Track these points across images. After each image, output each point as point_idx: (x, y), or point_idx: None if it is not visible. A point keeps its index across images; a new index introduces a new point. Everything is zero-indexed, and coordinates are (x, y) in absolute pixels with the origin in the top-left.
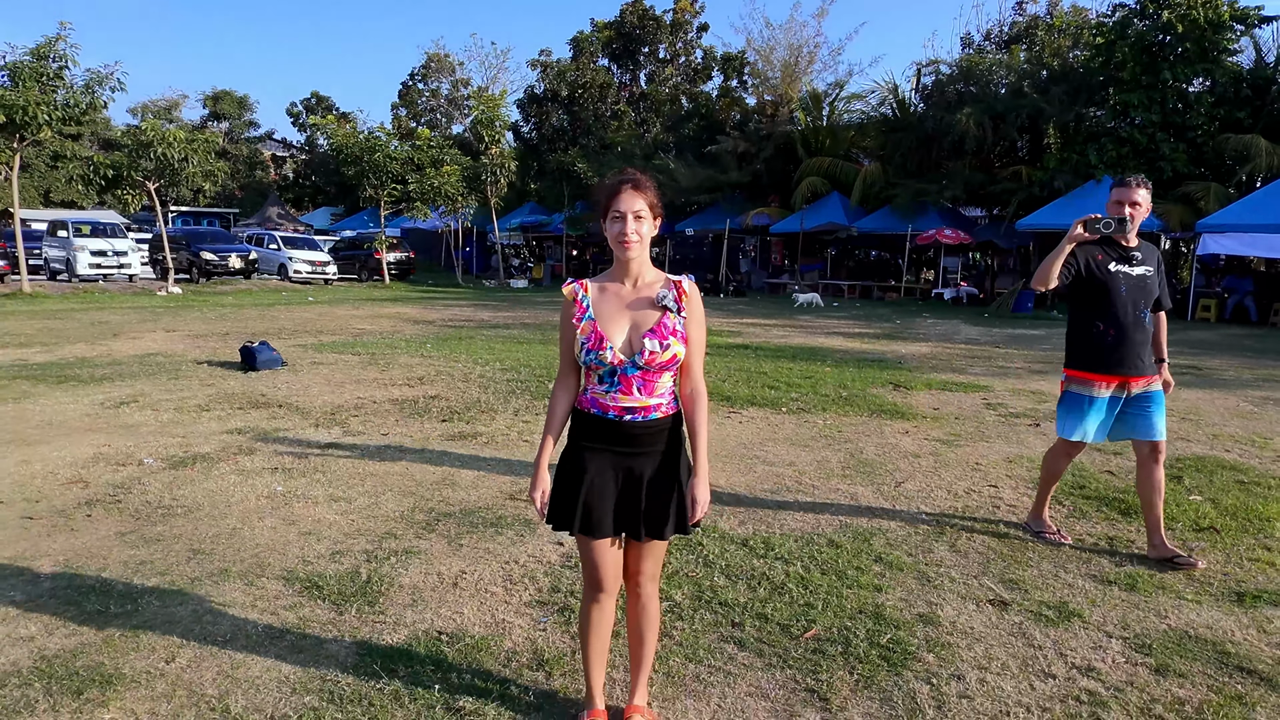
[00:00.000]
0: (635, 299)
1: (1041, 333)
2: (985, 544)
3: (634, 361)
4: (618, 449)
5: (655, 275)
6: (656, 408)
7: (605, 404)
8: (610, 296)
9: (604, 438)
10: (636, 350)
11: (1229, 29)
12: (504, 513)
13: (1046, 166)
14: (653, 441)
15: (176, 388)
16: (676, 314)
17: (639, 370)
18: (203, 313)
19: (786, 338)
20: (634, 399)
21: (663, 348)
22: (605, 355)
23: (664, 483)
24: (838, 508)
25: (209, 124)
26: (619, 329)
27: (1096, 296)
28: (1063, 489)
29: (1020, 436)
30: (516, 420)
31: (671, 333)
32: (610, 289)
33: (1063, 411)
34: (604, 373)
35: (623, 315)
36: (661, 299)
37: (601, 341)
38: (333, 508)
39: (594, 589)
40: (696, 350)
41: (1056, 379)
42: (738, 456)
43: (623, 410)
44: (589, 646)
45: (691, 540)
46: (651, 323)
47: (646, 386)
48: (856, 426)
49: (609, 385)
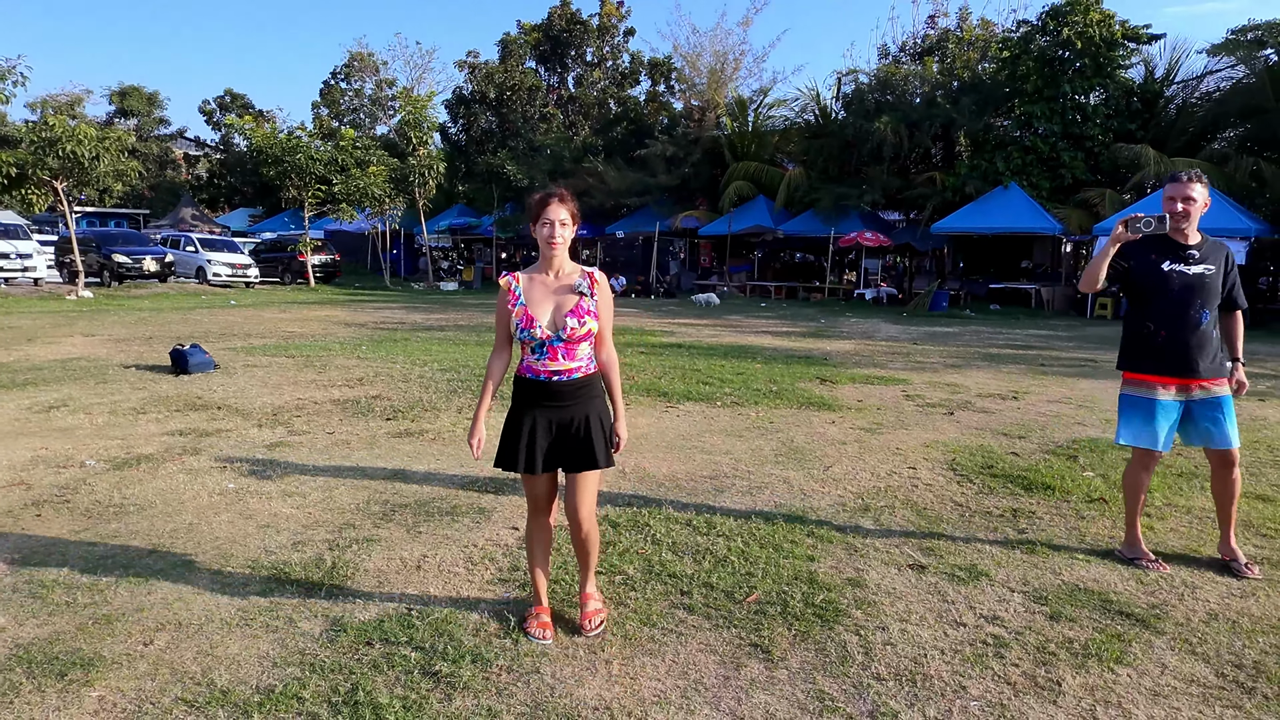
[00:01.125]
0: (557, 287)
1: (955, 330)
2: (905, 518)
3: (558, 335)
4: (549, 404)
5: (573, 268)
6: (577, 369)
7: (537, 369)
8: (538, 285)
9: (538, 396)
10: (560, 327)
11: (1122, 46)
12: (458, 502)
13: (958, 173)
14: (575, 396)
15: (107, 391)
16: (590, 298)
17: (562, 342)
18: (120, 317)
19: (718, 337)
20: (559, 364)
21: (580, 324)
22: (535, 332)
23: (587, 427)
24: (772, 490)
25: (115, 121)
26: (544, 311)
27: (1146, 296)
28: (974, 469)
29: (936, 424)
30: (461, 418)
31: (586, 312)
32: (537, 279)
33: (1120, 415)
34: (534, 345)
35: (548, 300)
36: (578, 286)
37: (532, 321)
38: (287, 502)
39: (534, 511)
40: (607, 325)
41: (970, 373)
42: (677, 447)
43: (551, 373)
44: (533, 556)
45: (639, 521)
46: (571, 305)
47: (569, 354)
48: (787, 418)
49: (539, 355)
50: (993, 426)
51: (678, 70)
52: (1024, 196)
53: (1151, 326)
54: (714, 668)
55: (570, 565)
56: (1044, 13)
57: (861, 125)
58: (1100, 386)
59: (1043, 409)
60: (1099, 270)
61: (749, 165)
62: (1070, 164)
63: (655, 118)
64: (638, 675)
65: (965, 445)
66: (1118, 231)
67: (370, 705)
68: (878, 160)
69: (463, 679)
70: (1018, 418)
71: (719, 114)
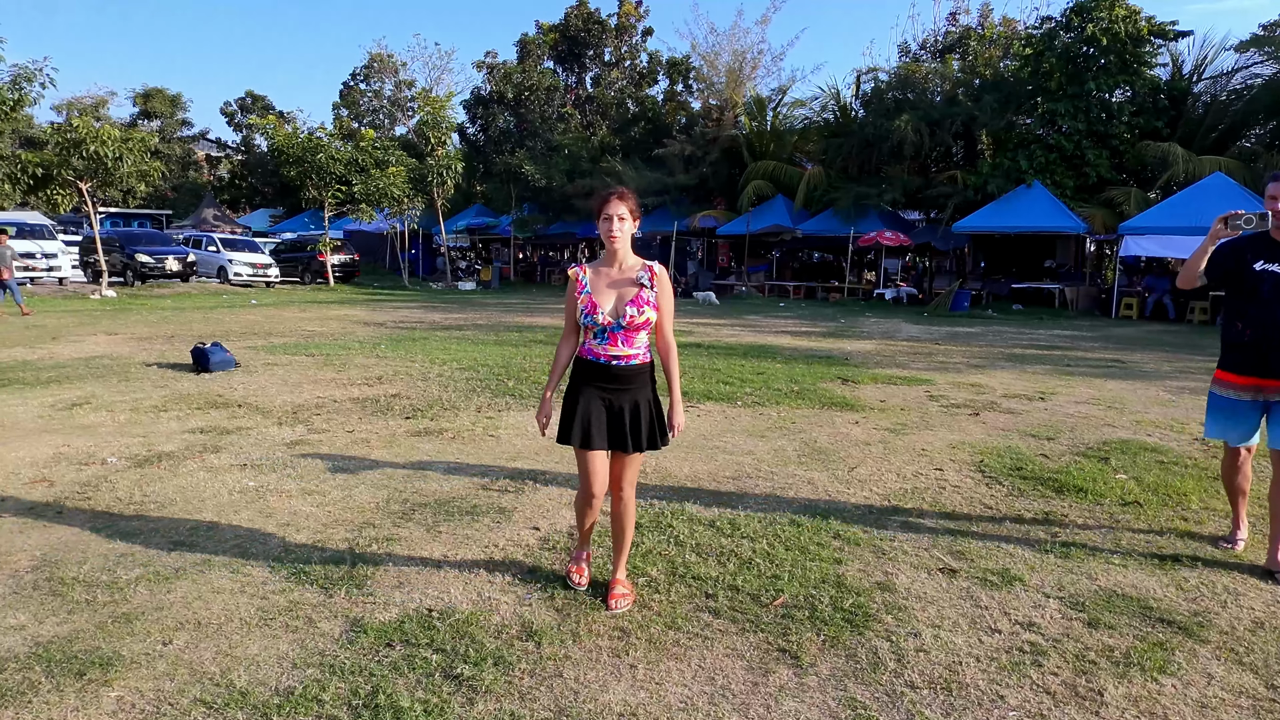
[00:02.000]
0: (620, 278)
1: (978, 330)
2: (934, 521)
3: (619, 323)
4: (606, 385)
5: (635, 261)
6: (635, 356)
7: (599, 352)
8: (602, 276)
9: (597, 377)
10: (620, 315)
11: (1148, 43)
12: (478, 502)
13: (980, 171)
14: (630, 380)
15: (129, 389)
16: (650, 289)
17: (622, 329)
18: (143, 316)
19: (737, 336)
20: (618, 349)
21: (640, 313)
22: (598, 318)
23: (639, 411)
24: (796, 491)
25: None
26: (608, 299)
27: (1238, 295)
28: (1002, 471)
29: (961, 425)
30: (480, 417)
31: (646, 302)
32: (602, 271)
33: (1207, 410)
34: (597, 330)
35: (611, 290)
36: (639, 278)
37: (595, 308)
38: (307, 500)
39: (587, 493)
40: (666, 316)
41: (994, 373)
42: (699, 447)
43: (611, 357)
44: (582, 527)
45: (662, 522)
46: (632, 295)
47: (628, 340)
48: (809, 418)
49: (601, 339)
50: (1020, 428)
51: (696, 69)
52: (1048, 195)
53: (1239, 326)
54: (741, 673)
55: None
56: (1068, 9)
57: (882, 124)
58: (1129, 388)
59: (1070, 410)
60: (1197, 266)
61: (767, 164)
62: (1095, 162)
63: (673, 117)
64: (663, 680)
65: (993, 446)
66: (1216, 228)
67: (391, 708)
68: (898, 159)
69: (484, 682)
70: (1045, 419)
71: (737, 113)
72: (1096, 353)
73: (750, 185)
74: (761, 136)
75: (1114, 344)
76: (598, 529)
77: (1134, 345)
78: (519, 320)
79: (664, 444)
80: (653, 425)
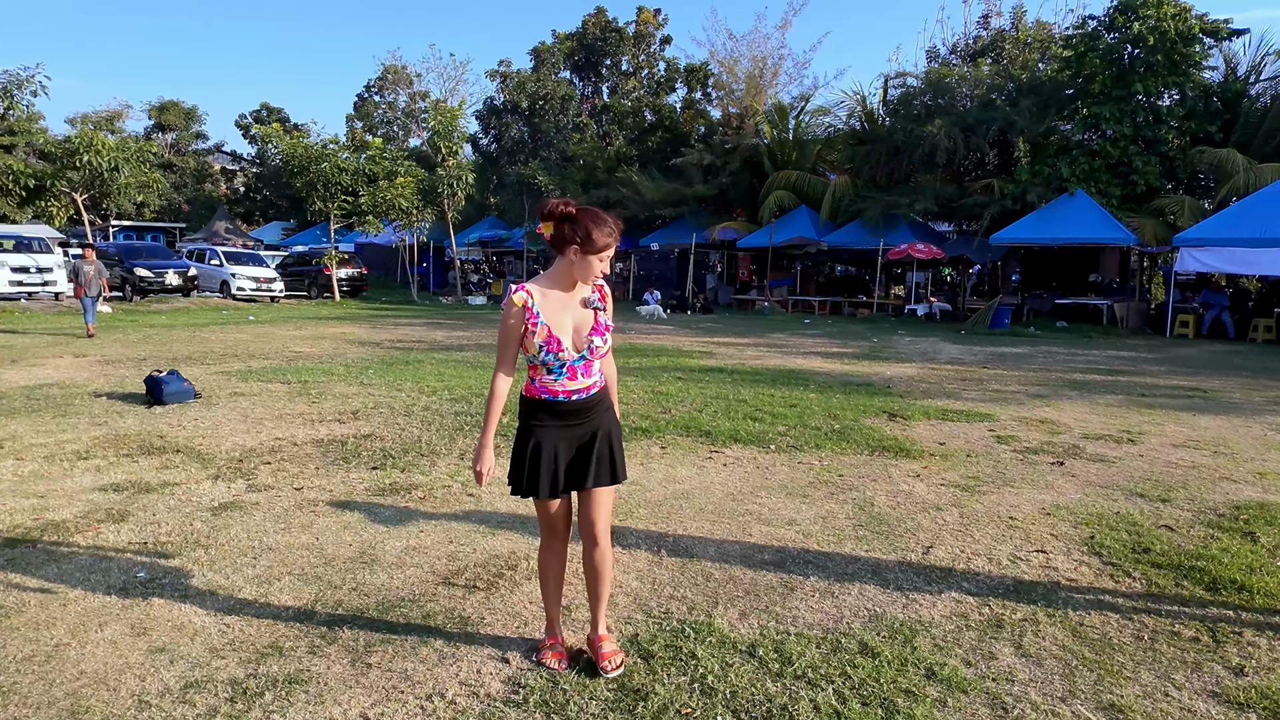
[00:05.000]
0: (570, 302)
1: (1025, 351)
2: (1058, 641)
3: (583, 355)
4: (565, 423)
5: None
6: (593, 386)
7: (555, 389)
8: (552, 300)
9: (553, 416)
10: (584, 347)
11: (1198, 42)
12: (434, 606)
13: (1018, 179)
14: (590, 412)
15: (58, 428)
16: (604, 312)
17: (584, 361)
18: (125, 334)
19: (762, 359)
20: (577, 382)
21: (604, 342)
22: (563, 355)
23: (604, 441)
24: (860, 585)
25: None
26: (566, 331)
27: None
28: (1125, 554)
29: (1047, 479)
30: (461, 466)
31: (606, 328)
32: (550, 294)
33: None
34: (555, 364)
35: (566, 318)
36: (591, 302)
37: (559, 344)
38: (206, 604)
39: (550, 537)
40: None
41: (1061, 405)
42: (726, 513)
43: (570, 392)
44: (547, 585)
45: (682, 651)
46: (590, 323)
47: (586, 371)
48: (858, 468)
49: (557, 375)
50: (1120, 483)
51: (715, 77)
52: (1093, 204)
53: None
54: None
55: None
56: (1112, 8)
57: (912, 130)
58: (1226, 425)
59: (1171, 457)
60: None
61: (790, 174)
62: (1143, 169)
63: (691, 126)
64: None
65: (1097, 512)
66: None
67: None
68: (929, 167)
69: None
70: (1145, 470)
71: (758, 121)
72: (1167, 378)
73: (772, 196)
74: (783, 145)
75: (1182, 368)
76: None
77: (1204, 369)
78: None
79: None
80: (620, 453)
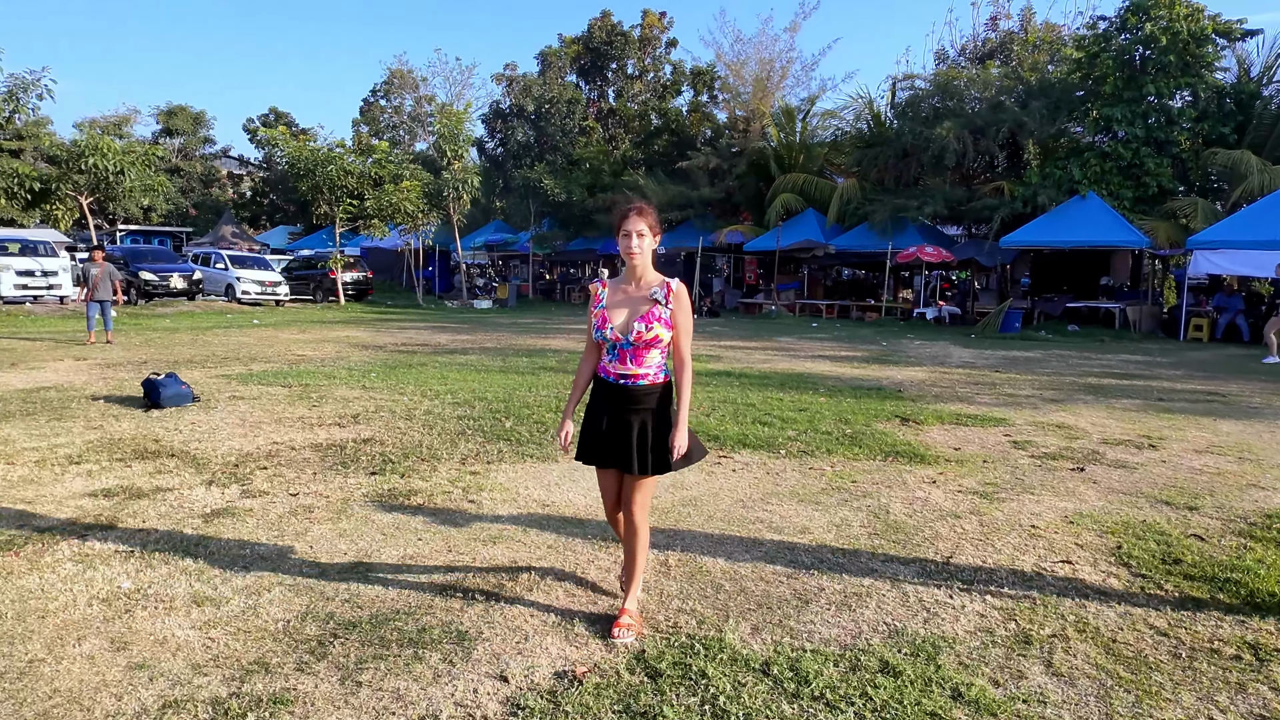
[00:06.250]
0: (635, 295)
1: (1037, 355)
2: (1090, 659)
3: (627, 339)
4: (615, 405)
5: (655, 277)
6: (645, 376)
7: (610, 370)
8: (618, 292)
9: (608, 397)
10: (629, 331)
11: (1211, 43)
12: (430, 620)
13: (1028, 182)
14: (640, 401)
15: (53, 432)
16: (664, 305)
17: (631, 346)
18: (128, 337)
19: (770, 362)
20: (628, 369)
21: (647, 329)
22: (606, 333)
23: (648, 433)
24: (879, 600)
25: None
26: (619, 315)
27: None
28: (1155, 565)
29: (1068, 485)
30: (463, 472)
31: (657, 319)
32: (620, 287)
33: None
34: (608, 346)
35: (624, 305)
36: (654, 295)
37: (605, 322)
38: (191, 616)
39: (609, 510)
40: (683, 334)
41: (1077, 409)
42: (737, 520)
43: (620, 376)
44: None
45: (692, 670)
46: (642, 311)
47: (637, 359)
48: (872, 474)
49: (612, 357)
50: (1144, 490)
51: (721, 79)
52: (1104, 207)
53: None
54: None
55: None
56: (1124, 8)
57: (921, 132)
58: (1248, 430)
59: (1194, 463)
60: None
61: (797, 177)
62: (1155, 171)
63: (698, 129)
64: None
65: (1123, 520)
66: None
67: None
68: (938, 170)
69: None
70: (1169, 476)
71: (765, 124)
72: (1183, 383)
73: (779, 199)
74: (790, 148)
75: (1198, 372)
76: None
77: (1221, 373)
78: (531, 343)
79: (664, 471)
80: (661, 450)
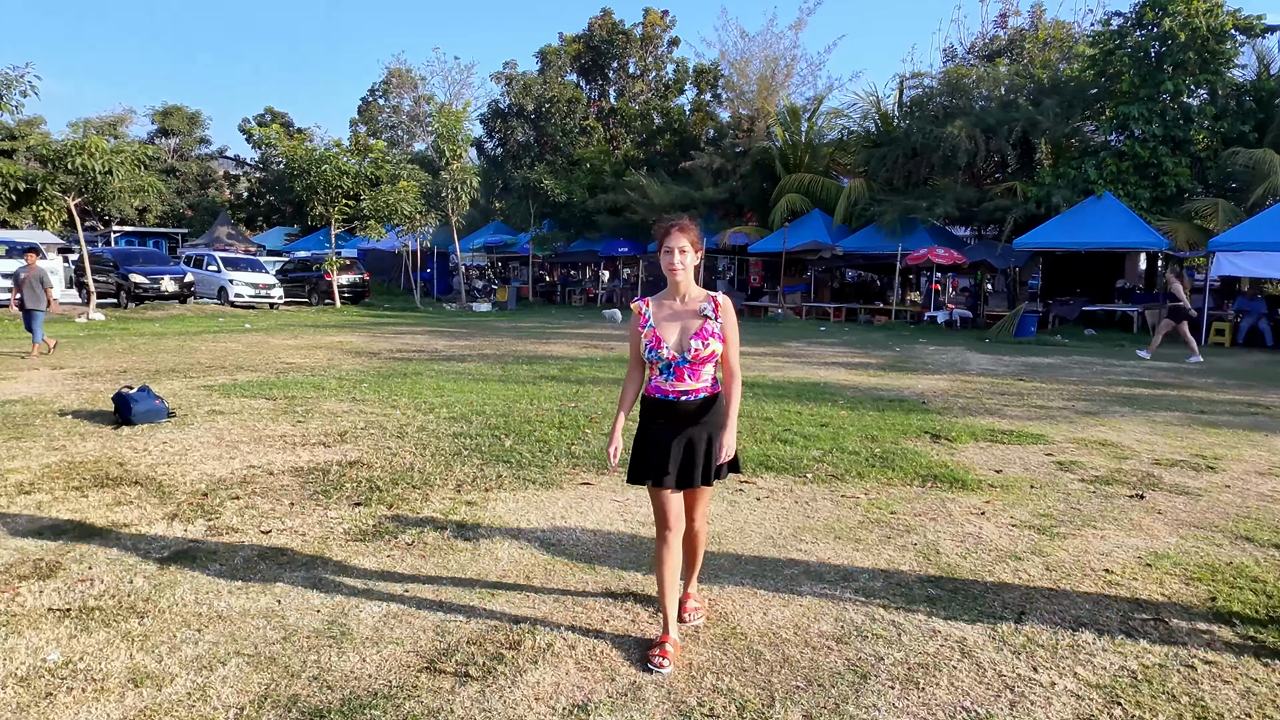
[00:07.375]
0: (683, 310)
1: (1058, 361)
2: None
3: (684, 357)
4: (675, 422)
5: (699, 292)
6: (702, 389)
7: (666, 389)
8: (664, 309)
9: (665, 414)
10: (685, 349)
11: (1231, 39)
12: (412, 706)
13: (1042, 182)
14: (699, 414)
15: (9, 454)
16: (715, 320)
17: (688, 363)
18: (111, 344)
19: (781, 370)
20: (685, 384)
21: (704, 345)
22: (662, 352)
23: (710, 444)
24: (950, 671)
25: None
26: (671, 333)
27: None
28: (1264, 621)
29: (1131, 517)
30: (458, 501)
31: (711, 334)
32: (665, 303)
33: None
34: (662, 366)
35: (674, 323)
36: (703, 310)
37: (660, 342)
38: (125, 703)
39: (663, 528)
40: (732, 346)
41: (1115, 423)
42: (769, 565)
43: (678, 393)
44: (663, 579)
45: None
46: (696, 328)
47: (694, 374)
48: (911, 503)
49: (667, 375)
50: (1216, 523)
51: (725, 78)
52: (1121, 207)
53: None
54: None
55: None
56: (1141, 3)
57: (930, 131)
58: None
59: (1262, 488)
60: None
61: (802, 178)
62: (1173, 171)
63: (701, 128)
64: None
65: (1207, 563)
66: None
67: None
68: (948, 170)
69: None
70: (1239, 504)
71: (769, 124)
72: (1219, 393)
73: (784, 200)
74: (795, 148)
75: (1230, 380)
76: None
77: (1254, 381)
78: (532, 349)
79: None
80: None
